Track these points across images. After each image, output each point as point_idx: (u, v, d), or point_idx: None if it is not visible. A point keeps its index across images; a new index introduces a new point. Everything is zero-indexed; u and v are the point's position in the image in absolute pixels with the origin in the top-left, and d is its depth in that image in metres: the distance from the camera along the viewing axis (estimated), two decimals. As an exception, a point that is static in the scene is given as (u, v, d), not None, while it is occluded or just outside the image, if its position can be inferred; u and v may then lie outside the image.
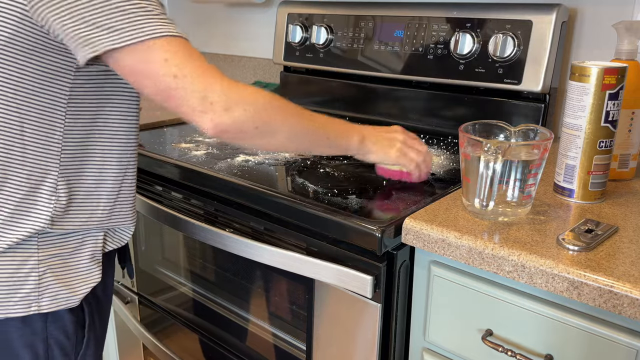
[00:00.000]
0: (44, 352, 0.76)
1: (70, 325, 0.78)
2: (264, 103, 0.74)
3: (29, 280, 0.73)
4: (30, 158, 0.72)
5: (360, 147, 0.86)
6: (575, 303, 0.67)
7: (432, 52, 1.25)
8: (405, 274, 0.83)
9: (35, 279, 0.73)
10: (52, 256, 0.75)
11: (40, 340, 0.76)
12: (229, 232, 0.96)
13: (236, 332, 1.09)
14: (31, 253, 0.74)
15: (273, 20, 1.72)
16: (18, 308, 0.73)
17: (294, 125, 0.78)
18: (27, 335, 0.75)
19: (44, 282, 0.74)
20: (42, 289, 0.74)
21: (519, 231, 0.73)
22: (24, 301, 0.73)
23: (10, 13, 0.66)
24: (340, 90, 1.46)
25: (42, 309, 0.74)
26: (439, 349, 0.82)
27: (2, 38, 0.67)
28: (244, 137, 0.73)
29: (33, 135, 0.72)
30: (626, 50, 0.90)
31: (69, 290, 0.76)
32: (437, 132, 1.29)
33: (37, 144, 0.72)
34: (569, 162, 0.84)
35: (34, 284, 0.73)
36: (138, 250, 1.27)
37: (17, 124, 0.71)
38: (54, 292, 0.75)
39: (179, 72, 0.67)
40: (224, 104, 0.69)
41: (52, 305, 0.75)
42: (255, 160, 1.07)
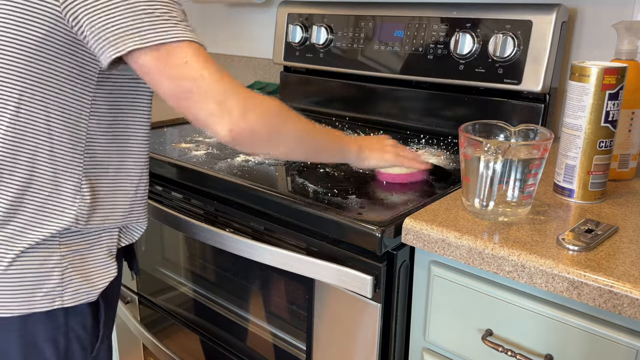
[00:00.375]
0: (64, 346, 0.78)
1: (88, 319, 0.80)
2: (276, 111, 0.76)
3: (53, 275, 0.75)
4: (56, 156, 0.74)
5: (358, 155, 0.90)
6: (575, 303, 0.67)
7: (432, 52, 1.25)
8: (405, 274, 0.83)
9: (59, 274, 0.75)
10: (73, 252, 0.77)
11: (61, 334, 0.78)
12: (229, 232, 0.96)
13: (236, 332, 1.09)
14: (54, 249, 0.75)
15: (273, 20, 1.72)
16: (43, 303, 0.75)
17: (301, 133, 0.81)
18: (50, 329, 0.77)
19: (66, 277, 0.76)
20: (65, 284, 0.76)
21: (519, 231, 0.73)
22: (49, 296, 0.75)
23: (43, 14, 0.68)
24: (340, 90, 1.46)
25: (65, 303, 0.76)
26: (439, 349, 0.82)
27: (35, 38, 0.69)
28: (256, 143, 0.74)
29: (59, 135, 0.73)
30: (626, 50, 0.90)
31: (89, 284, 0.78)
32: (437, 132, 1.29)
33: (63, 143, 0.74)
34: (569, 162, 0.84)
35: (58, 279, 0.75)
36: (138, 251, 1.27)
37: (44, 123, 0.72)
38: (76, 287, 0.77)
39: (197, 75, 0.68)
40: (241, 110, 0.70)
41: (74, 300, 0.77)
42: (255, 160, 1.07)
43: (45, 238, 0.74)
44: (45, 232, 0.74)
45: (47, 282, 0.75)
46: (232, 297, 1.09)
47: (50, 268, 0.75)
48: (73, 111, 0.74)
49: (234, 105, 0.70)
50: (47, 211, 0.75)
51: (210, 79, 0.69)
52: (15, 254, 0.73)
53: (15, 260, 0.73)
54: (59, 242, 0.76)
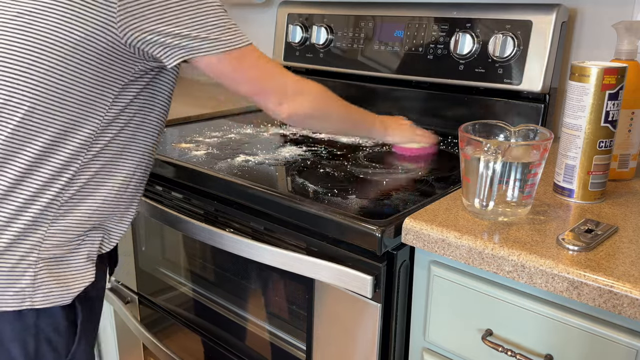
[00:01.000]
0: (33, 347, 0.78)
1: (62, 322, 0.80)
2: (322, 93, 0.93)
3: (26, 275, 0.75)
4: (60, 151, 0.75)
5: (381, 131, 1.07)
6: (575, 303, 0.67)
7: (432, 52, 1.25)
8: (405, 274, 0.83)
9: (32, 275, 0.75)
10: (50, 254, 0.77)
11: (30, 335, 0.77)
12: (229, 232, 0.96)
13: (236, 332, 1.09)
14: (32, 250, 0.76)
15: (273, 20, 1.72)
16: (12, 302, 0.75)
17: (340, 111, 0.98)
18: (17, 329, 0.77)
19: (39, 278, 0.76)
20: (37, 285, 0.76)
21: (519, 231, 0.73)
22: (19, 296, 0.75)
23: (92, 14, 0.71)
24: (340, 90, 1.45)
25: (35, 304, 0.76)
26: (439, 349, 0.82)
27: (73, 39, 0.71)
28: (308, 120, 0.92)
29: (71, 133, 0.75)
30: (626, 50, 0.90)
31: (63, 288, 0.78)
32: (437, 132, 1.28)
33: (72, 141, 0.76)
34: (569, 162, 0.84)
35: (30, 279, 0.75)
36: (138, 251, 1.27)
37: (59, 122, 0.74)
38: (48, 289, 0.77)
39: (264, 74, 0.85)
40: (294, 96, 0.88)
41: (45, 302, 0.76)
42: (255, 160, 1.07)
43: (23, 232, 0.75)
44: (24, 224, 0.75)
45: (19, 282, 0.75)
46: (232, 297, 1.09)
47: (24, 268, 0.75)
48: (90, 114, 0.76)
49: (290, 92, 0.87)
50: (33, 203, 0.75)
51: (273, 76, 0.86)
52: None
53: None
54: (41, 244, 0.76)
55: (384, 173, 1.01)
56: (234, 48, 0.79)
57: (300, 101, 0.88)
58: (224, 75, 0.82)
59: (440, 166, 1.05)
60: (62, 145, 0.75)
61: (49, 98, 0.72)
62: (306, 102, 0.89)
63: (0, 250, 0.74)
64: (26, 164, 0.73)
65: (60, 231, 0.78)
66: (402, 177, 0.99)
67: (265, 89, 0.85)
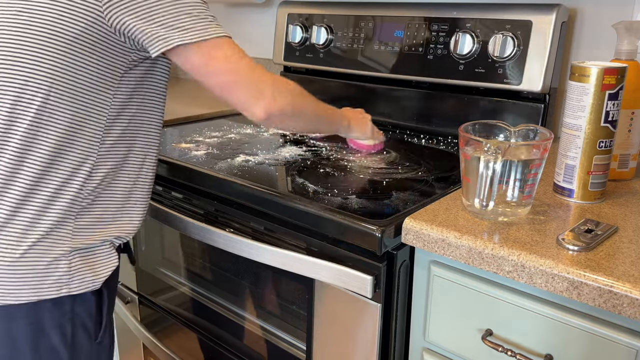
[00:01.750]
0: (71, 332, 0.83)
1: (93, 307, 0.85)
2: (298, 92, 0.91)
3: (61, 264, 0.80)
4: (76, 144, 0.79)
5: (348, 129, 1.09)
6: (575, 303, 0.67)
7: (432, 52, 1.25)
8: (405, 273, 0.83)
9: (67, 263, 0.80)
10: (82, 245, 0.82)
11: (67, 321, 0.82)
12: (229, 232, 0.96)
13: (236, 332, 1.09)
14: (65, 240, 0.80)
15: (273, 20, 1.72)
16: (51, 290, 0.79)
17: (316, 111, 0.97)
18: (57, 316, 0.81)
19: (73, 266, 0.80)
20: (72, 272, 0.80)
21: (519, 231, 0.73)
22: (57, 284, 0.79)
23: (81, 11, 0.75)
24: (340, 90, 1.46)
25: (72, 291, 0.80)
26: (439, 349, 0.82)
27: (70, 33, 0.75)
28: (284, 119, 0.88)
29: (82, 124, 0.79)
30: (626, 50, 0.90)
31: (94, 273, 0.83)
32: (437, 132, 1.29)
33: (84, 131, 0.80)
34: (569, 162, 0.84)
35: (66, 267, 0.80)
36: (138, 250, 1.27)
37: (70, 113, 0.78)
38: (82, 275, 0.81)
39: (237, 68, 0.81)
40: (272, 95, 0.84)
41: (81, 288, 0.81)
42: (255, 160, 1.07)
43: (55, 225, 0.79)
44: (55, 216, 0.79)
45: (56, 271, 0.79)
46: (232, 297, 1.09)
47: (58, 257, 0.79)
48: (97, 103, 0.80)
49: (267, 91, 0.84)
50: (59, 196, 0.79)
51: (247, 70, 0.82)
52: (31, 243, 0.77)
53: (30, 248, 0.77)
54: (72, 234, 0.80)
55: (384, 173, 1.01)
56: (209, 38, 0.78)
57: (277, 102, 0.85)
58: (198, 67, 0.80)
59: (440, 166, 1.05)
60: (77, 136, 0.79)
61: (60, 88, 0.76)
62: (283, 103, 0.85)
63: (34, 243, 0.78)
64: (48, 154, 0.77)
65: (88, 223, 0.82)
66: (402, 177, 0.99)
67: (238, 84, 0.82)
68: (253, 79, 0.83)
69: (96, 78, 0.78)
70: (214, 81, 0.82)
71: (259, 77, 0.83)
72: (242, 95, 0.83)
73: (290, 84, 0.89)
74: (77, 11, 0.75)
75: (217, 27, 0.80)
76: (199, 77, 0.82)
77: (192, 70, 0.81)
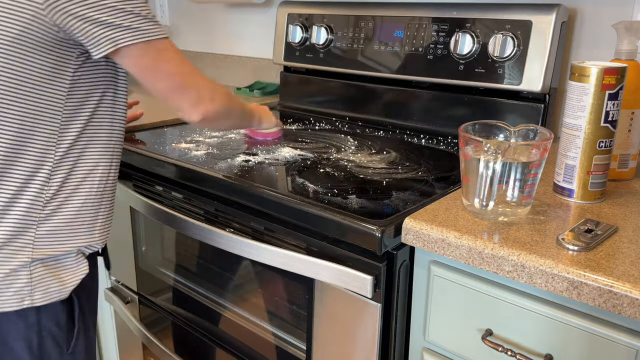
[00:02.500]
0: (37, 343, 0.80)
1: (62, 316, 0.83)
2: (227, 95, 0.93)
3: (21, 276, 0.77)
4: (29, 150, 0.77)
5: (259, 123, 1.14)
6: (575, 303, 0.67)
7: (432, 52, 1.25)
8: (405, 273, 0.83)
9: (27, 275, 0.78)
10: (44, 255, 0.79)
11: (33, 333, 0.80)
12: (229, 232, 0.96)
13: (236, 332, 1.09)
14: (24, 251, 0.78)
15: (273, 20, 1.72)
16: (12, 302, 0.77)
17: (240, 110, 1.02)
18: (21, 328, 0.79)
19: (35, 277, 0.78)
20: (34, 284, 0.78)
21: (519, 231, 0.73)
22: (17, 295, 0.77)
23: (22, 11, 0.72)
24: (340, 90, 1.46)
25: (35, 302, 0.78)
26: (439, 349, 0.82)
27: (11, 34, 0.72)
28: (217, 120, 0.91)
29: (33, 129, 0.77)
30: (626, 50, 0.90)
31: (60, 283, 0.80)
32: (437, 132, 1.29)
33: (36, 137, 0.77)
34: (569, 162, 0.84)
35: (26, 279, 0.78)
36: (138, 250, 1.27)
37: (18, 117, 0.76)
38: (46, 286, 0.79)
39: (181, 70, 0.82)
40: (210, 96, 0.87)
41: (45, 298, 0.79)
42: (255, 160, 1.07)
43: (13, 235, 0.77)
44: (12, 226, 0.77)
45: (16, 282, 0.77)
46: (232, 297, 1.09)
47: (17, 268, 0.77)
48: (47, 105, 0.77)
49: (205, 94, 0.86)
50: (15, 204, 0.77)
51: (190, 74, 0.84)
52: None
53: None
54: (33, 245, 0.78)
55: (384, 173, 1.01)
56: (155, 38, 0.77)
57: (214, 104, 0.87)
58: (144, 68, 0.78)
59: (440, 166, 1.05)
60: (29, 140, 0.77)
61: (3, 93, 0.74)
62: (218, 104, 0.88)
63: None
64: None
65: (50, 232, 0.80)
66: (402, 177, 0.99)
67: (184, 86, 0.83)
68: (196, 83, 0.85)
69: (43, 78, 0.76)
70: (162, 85, 0.81)
71: (200, 81, 0.86)
72: (185, 98, 0.84)
73: (221, 87, 0.91)
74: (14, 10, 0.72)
75: (161, 28, 0.79)
76: (146, 78, 0.80)
77: (140, 71, 0.79)
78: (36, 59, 0.74)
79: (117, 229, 1.29)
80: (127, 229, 1.27)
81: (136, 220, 1.24)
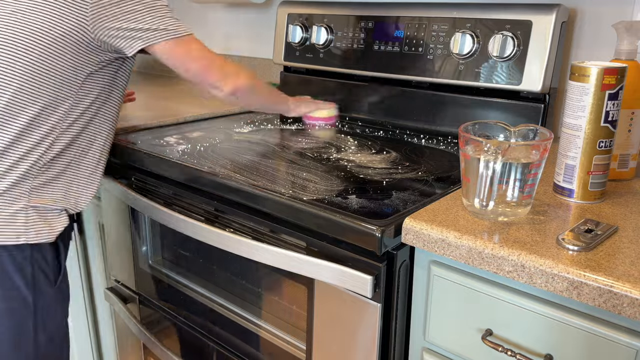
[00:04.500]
0: (31, 274, 0.99)
1: (50, 255, 1.02)
2: (253, 75, 1.12)
3: (19, 217, 0.97)
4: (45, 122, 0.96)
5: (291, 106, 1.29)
6: (575, 303, 0.67)
7: (432, 52, 1.25)
8: (405, 273, 0.83)
9: (24, 217, 0.97)
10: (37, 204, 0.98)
11: (27, 264, 0.98)
12: (229, 232, 0.96)
13: (236, 332, 1.09)
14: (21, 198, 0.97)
15: (273, 20, 1.72)
16: (11, 237, 0.96)
17: (267, 89, 1.21)
18: (18, 259, 0.97)
19: (30, 220, 0.98)
20: (29, 225, 0.97)
21: (519, 231, 0.73)
22: (16, 232, 0.96)
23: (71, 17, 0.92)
24: (340, 90, 1.46)
25: (29, 240, 0.97)
26: (439, 349, 0.82)
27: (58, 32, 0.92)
28: (244, 95, 1.09)
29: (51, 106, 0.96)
30: (626, 50, 0.90)
31: (49, 228, 1.00)
32: (437, 132, 1.29)
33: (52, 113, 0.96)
34: (569, 162, 0.84)
35: (23, 220, 0.97)
36: (138, 251, 1.27)
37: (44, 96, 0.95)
38: (38, 229, 0.98)
39: (210, 56, 1.04)
40: (235, 72, 1.07)
41: (37, 238, 0.98)
42: (255, 160, 1.07)
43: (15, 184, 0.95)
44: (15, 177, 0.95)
45: (14, 222, 0.96)
46: (232, 297, 1.09)
47: (17, 211, 0.96)
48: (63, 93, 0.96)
49: (232, 72, 1.07)
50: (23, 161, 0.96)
51: (212, 57, 1.05)
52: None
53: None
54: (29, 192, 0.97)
55: (384, 173, 1.01)
56: (185, 34, 1.00)
57: (241, 77, 1.07)
58: (177, 58, 1.00)
59: (440, 166, 1.05)
60: (44, 117, 0.96)
61: (33, 80, 0.93)
62: (244, 79, 1.07)
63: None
64: (17, 130, 0.94)
65: (41, 187, 0.99)
66: (403, 177, 0.99)
67: (211, 67, 1.03)
68: (221, 64, 1.05)
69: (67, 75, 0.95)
70: (193, 68, 1.02)
71: (221, 61, 1.06)
72: (215, 75, 1.04)
73: (246, 68, 1.11)
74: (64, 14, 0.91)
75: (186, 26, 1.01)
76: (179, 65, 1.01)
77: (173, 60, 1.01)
78: (66, 58, 0.94)
79: (117, 229, 1.29)
80: (127, 229, 1.27)
81: (136, 220, 1.24)
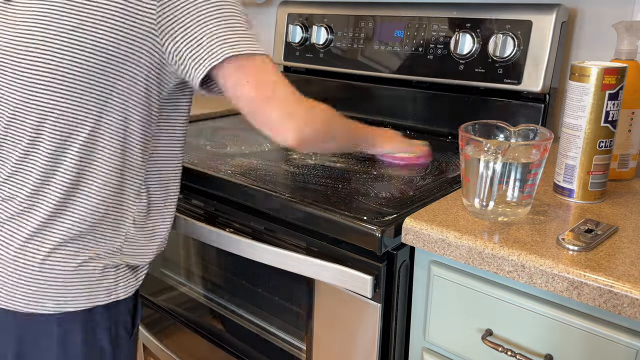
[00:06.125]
0: (115, 332, 0.88)
1: (131, 306, 0.90)
2: (330, 117, 0.87)
3: (110, 273, 0.84)
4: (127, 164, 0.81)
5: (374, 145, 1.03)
6: (575, 303, 0.67)
7: (432, 52, 1.25)
8: (405, 273, 0.83)
9: (114, 272, 0.84)
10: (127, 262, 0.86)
11: (114, 323, 0.87)
12: (229, 232, 0.96)
13: (236, 332, 1.09)
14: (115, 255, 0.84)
15: (273, 20, 1.72)
16: (102, 297, 0.84)
17: (345, 134, 0.94)
18: (107, 319, 0.86)
19: (120, 273, 0.85)
20: (118, 280, 0.85)
21: (519, 231, 0.73)
22: (107, 290, 0.84)
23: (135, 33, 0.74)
24: (340, 90, 1.46)
25: (120, 296, 0.85)
26: (439, 349, 0.82)
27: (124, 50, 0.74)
28: (315, 145, 0.85)
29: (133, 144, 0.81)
30: (626, 50, 0.90)
31: (135, 278, 0.88)
32: (437, 132, 1.29)
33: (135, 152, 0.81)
34: (569, 162, 0.84)
35: (114, 275, 0.84)
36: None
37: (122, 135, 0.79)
38: (127, 281, 0.86)
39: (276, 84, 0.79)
40: (305, 117, 0.81)
41: (126, 292, 0.86)
42: (255, 160, 1.07)
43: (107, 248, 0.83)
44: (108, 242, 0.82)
45: (106, 279, 0.83)
46: (232, 297, 1.09)
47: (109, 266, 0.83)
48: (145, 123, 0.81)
49: (301, 113, 0.80)
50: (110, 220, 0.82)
51: (284, 89, 0.79)
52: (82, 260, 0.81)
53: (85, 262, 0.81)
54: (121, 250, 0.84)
55: (384, 173, 1.01)
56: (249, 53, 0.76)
57: (309, 124, 0.81)
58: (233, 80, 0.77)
59: (440, 166, 1.05)
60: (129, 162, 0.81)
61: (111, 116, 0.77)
62: (314, 125, 0.82)
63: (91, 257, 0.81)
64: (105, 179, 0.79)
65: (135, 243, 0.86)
66: (403, 177, 0.99)
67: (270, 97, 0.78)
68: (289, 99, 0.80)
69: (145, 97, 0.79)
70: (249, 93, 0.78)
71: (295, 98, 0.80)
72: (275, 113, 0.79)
73: (323, 108, 0.86)
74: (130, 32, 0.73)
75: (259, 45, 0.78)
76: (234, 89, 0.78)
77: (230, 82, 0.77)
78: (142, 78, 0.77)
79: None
80: (127, 229, 1.27)
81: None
